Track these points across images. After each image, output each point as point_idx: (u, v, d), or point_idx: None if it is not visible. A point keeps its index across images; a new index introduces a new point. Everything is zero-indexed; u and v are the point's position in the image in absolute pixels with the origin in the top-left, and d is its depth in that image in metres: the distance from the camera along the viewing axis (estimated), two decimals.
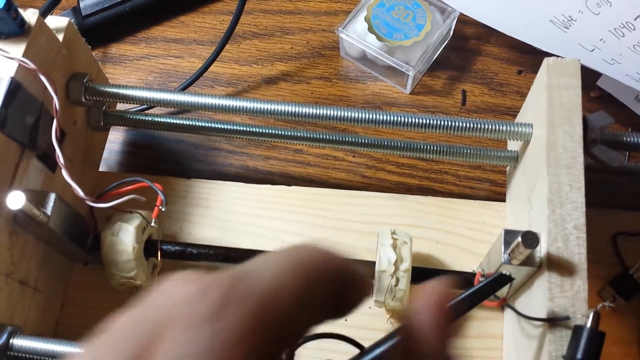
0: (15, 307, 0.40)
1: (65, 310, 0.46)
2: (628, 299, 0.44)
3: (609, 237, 0.46)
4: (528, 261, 0.35)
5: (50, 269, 0.44)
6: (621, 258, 0.45)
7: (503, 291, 0.39)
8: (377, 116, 0.43)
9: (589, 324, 0.31)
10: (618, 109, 0.53)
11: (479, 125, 0.42)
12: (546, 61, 0.40)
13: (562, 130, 0.38)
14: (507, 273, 0.33)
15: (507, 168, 0.48)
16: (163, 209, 0.42)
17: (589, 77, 0.40)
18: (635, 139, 0.41)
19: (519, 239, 0.33)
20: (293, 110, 0.43)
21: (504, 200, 0.48)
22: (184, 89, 0.56)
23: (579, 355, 0.31)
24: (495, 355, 0.43)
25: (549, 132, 0.38)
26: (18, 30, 0.39)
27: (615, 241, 0.46)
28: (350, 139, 0.47)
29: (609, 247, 0.46)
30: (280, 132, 0.48)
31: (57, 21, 0.44)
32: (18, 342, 0.38)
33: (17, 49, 0.39)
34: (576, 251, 0.34)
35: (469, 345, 0.44)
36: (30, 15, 0.40)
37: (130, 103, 0.46)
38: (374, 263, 0.42)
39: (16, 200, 0.36)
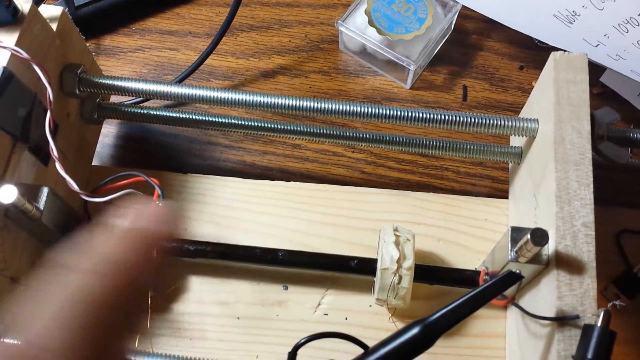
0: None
1: None
2: (632, 297, 0.43)
3: (613, 235, 0.45)
4: (535, 259, 0.34)
5: None
6: (625, 256, 0.45)
7: (510, 290, 0.38)
8: (378, 110, 0.42)
9: (599, 323, 0.31)
10: (620, 105, 0.53)
11: (483, 121, 0.41)
12: (553, 55, 0.39)
13: (570, 126, 0.37)
14: (517, 271, 0.32)
15: (510, 165, 0.48)
16: (160, 205, 0.41)
17: (591, 73, 0.39)
18: None
19: (528, 236, 0.32)
20: (291, 104, 0.42)
21: (505, 197, 0.48)
22: (179, 82, 0.55)
23: (589, 355, 0.30)
24: (498, 354, 0.42)
25: (556, 128, 0.37)
26: (11, 18, 0.38)
27: (619, 239, 0.45)
28: (349, 134, 0.46)
29: (612, 245, 0.45)
30: (278, 127, 0.47)
31: (50, 10, 0.42)
32: (9, 341, 0.37)
33: (9, 38, 0.38)
34: (585, 249, 0.34)
35: (471, 344, 0.43)
36: (23, 4, 0.39)
37: (125, 95, 0.44)
38: (375, 260, 0.41)
39: (8, 194, 0.35)
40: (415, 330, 0.30)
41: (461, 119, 0.41)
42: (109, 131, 0.54)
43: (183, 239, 0.44)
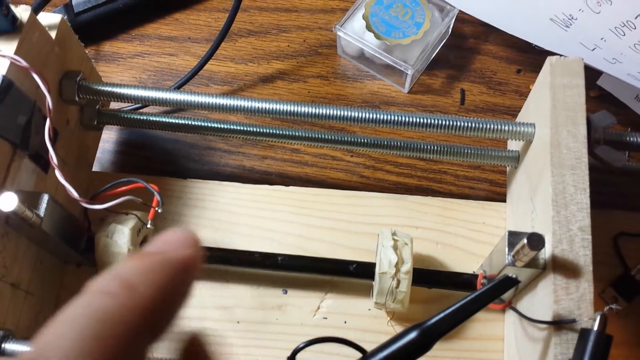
0: (7, 311, 0.39)
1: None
2: (630, 300, 0.44)
3: (610, 237, 0.46)
4: (532, 263, 0.35)
5: (43, 271, 0.43)
6: (622, 259, 0.45)
7: (507, 293, 0.38)
8: (376, 115, 0.42)
9: (595, 327, 0.31)
10: (617, 109, 0.53)
11: (481, 125, 0.41)
12: (549, 60, 0.39)
13: (566, 130, 0.37)
14: (514, 275, 0.33)
15: (508, 168, 0.48)
16: (160, 210, 0.41)
17: (589, 76, 0.39)
18: (638, 139, 0.40)
19: (525, 240, 0.33)
20: (290, 109, 0.43)
21: (503, 201, 0.48)
22: (178, 87, 0.55)
23: (585, 359, 0.31)
24: (496, 357, 0.43)
25: (552, 132, 0.37)
26: (10, 27, 0.38)
27: (617, 242, 0.45)
28: (348, 139, 0.47)
29: (610, 248, 0.45)
30: (277, 132, 0.47)
31: (49, 18, 0.43)
32: (10, 346, 0.37)
33: (8, 47, 0.38)
34: (581, 253, 0.34)
35: (469, 347, 0.43)
36: (22, 12, 0.39)
37: (124, 102, 0.45)
38: (373, 264, 0.41)
39: (8, 201, 0.35)
40: (413, 334, 0.30)
41: (459, 123, 0.41)
42: (109, 137, 0.54)
43: None
